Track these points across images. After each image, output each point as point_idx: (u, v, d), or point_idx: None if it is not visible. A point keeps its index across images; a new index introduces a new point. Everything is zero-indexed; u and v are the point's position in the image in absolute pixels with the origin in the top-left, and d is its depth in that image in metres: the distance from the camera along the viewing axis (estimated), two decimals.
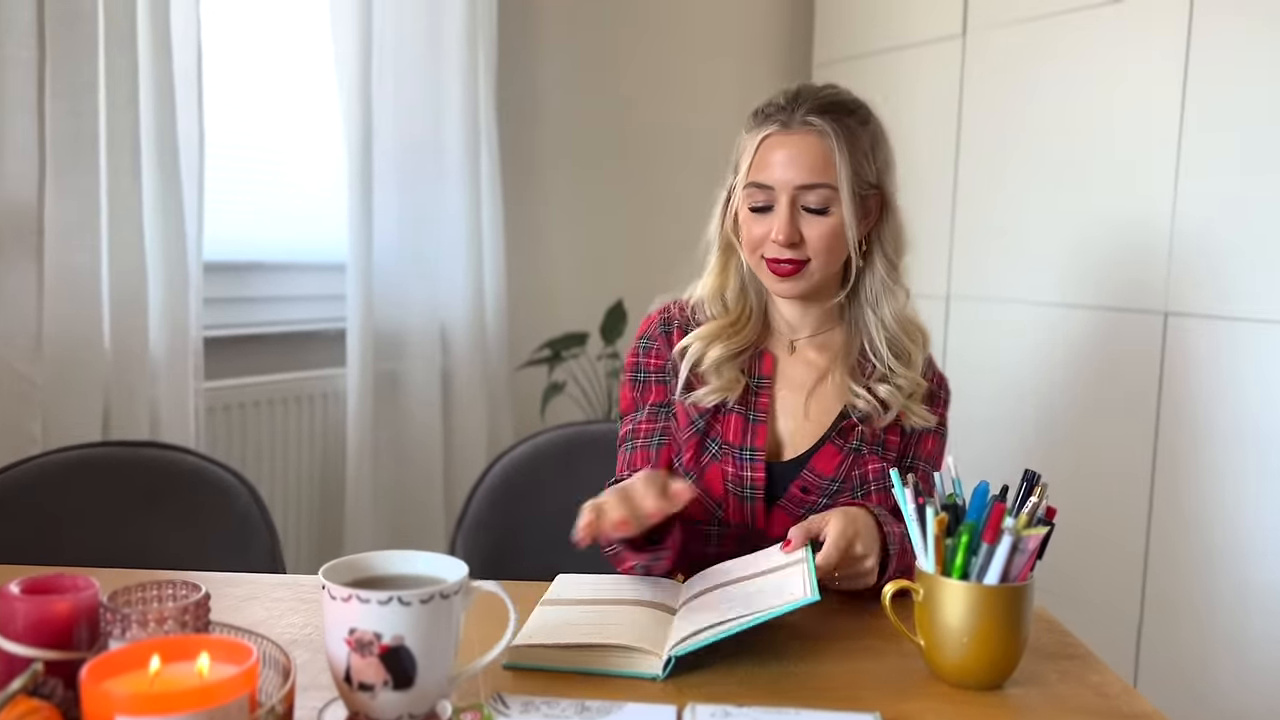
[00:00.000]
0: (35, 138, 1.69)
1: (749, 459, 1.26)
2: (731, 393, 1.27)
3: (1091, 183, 2.34)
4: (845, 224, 1.23)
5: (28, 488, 1.42)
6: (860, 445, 1.27)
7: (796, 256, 1.23)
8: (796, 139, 1.23)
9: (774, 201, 1.23)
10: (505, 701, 0.89)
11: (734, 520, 1.27)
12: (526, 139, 2.84)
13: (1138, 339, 2.25)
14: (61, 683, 0.78)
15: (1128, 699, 0.95)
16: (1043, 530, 0.93)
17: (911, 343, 1.31)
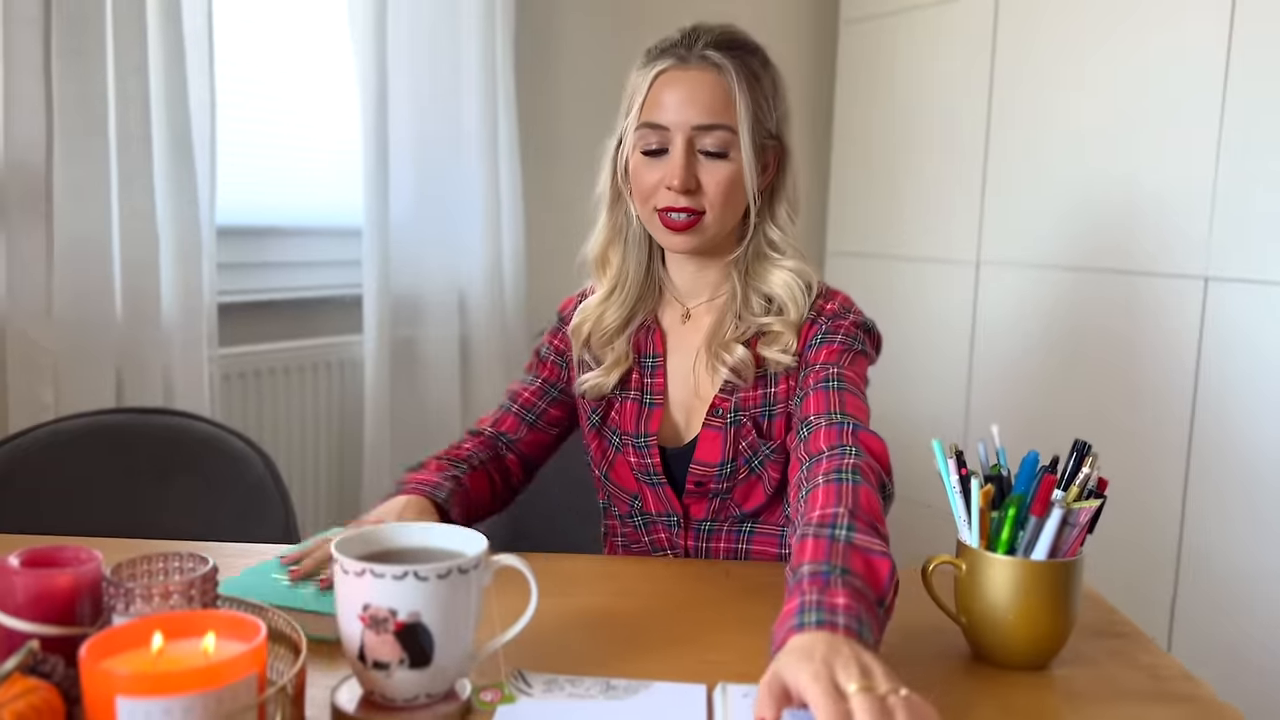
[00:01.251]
0: (43, 100, 1.65)
1: (644, 447, 1.21)
2: (619, 368, 1.22)
3: (1129, 143, 2.27)
4: (745, 170, 1.13)
5: (39, 455, 1.39)
6: (738, 416, 1.18)
7: (693, 205, 1.13)
8: (694, 75, 1.13)
9: (668, 144, 1.13)
10: (527, 680, 0.85)
11: (655, 509, 1.24)
12: (545, 101, 2.77)
13: (1177, 305, 2.18)
14: (62, 660, 0.74)
15: (1184, 682, 0.89)
16: (1094, 503, 0.88)
17: (792, 302, 1.19)
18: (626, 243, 1.25)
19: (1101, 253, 2.33)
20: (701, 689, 0.84)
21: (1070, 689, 0.87)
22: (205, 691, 0.66)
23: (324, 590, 0.95)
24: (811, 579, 0.81)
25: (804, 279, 1.20)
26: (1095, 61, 2.32)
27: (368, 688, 0.78)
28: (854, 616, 0.77)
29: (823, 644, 0.73)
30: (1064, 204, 2.41)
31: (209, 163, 1.93)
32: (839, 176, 3.12)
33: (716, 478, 1.19)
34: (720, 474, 1.19)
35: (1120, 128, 2.28)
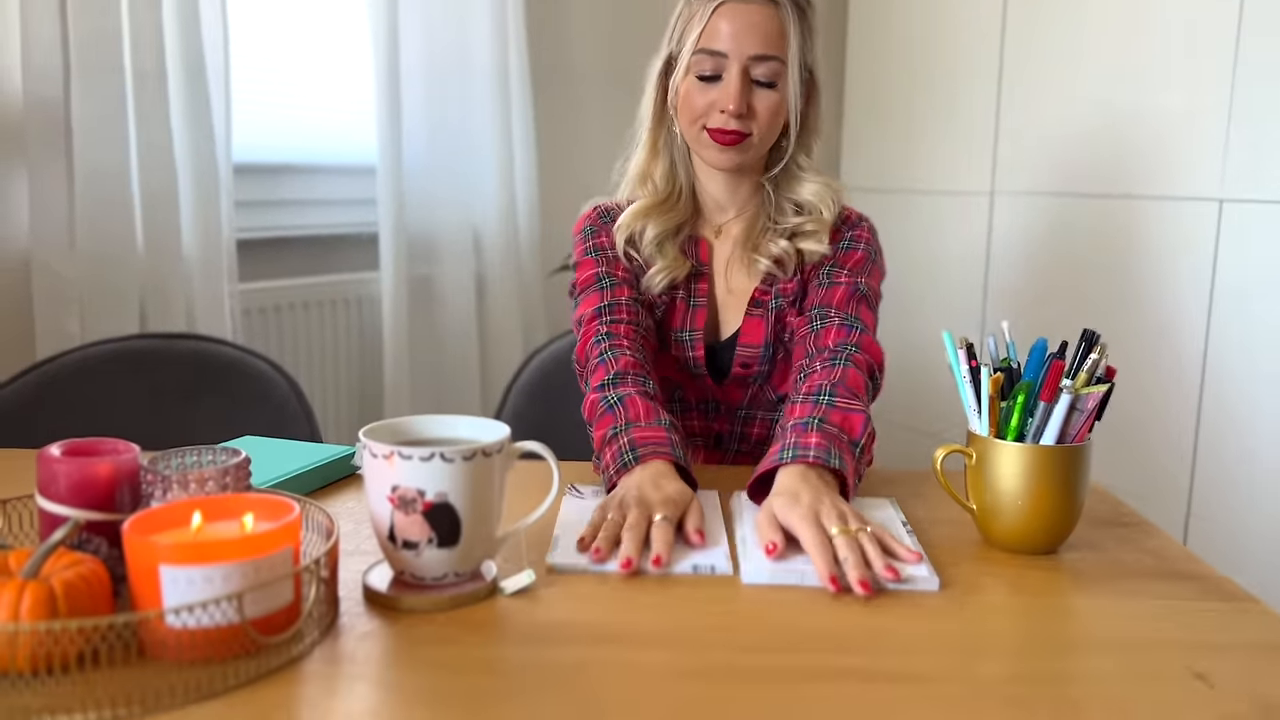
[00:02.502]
0: (59, 37, 1.67)
1: (689, 340, 1.29)
2: (679, 270, 1.29)
3: (1143, 68, 2.25)
4: (789, 99, 1.23)
5: (69, 379, 1.42)
6: (779, 302, 1.28)
7: (742, 128, 1.21)
8: (753, 8, 1.21)
9: (723, 70, 1.21)
10: (579, 489, 1.07)
11: (694, 398, 1.34)
12: (556, 38, 2.77)
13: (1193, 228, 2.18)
14: (105, 541, 0.78)
15: (1187, 561, 0.92)
16: (1102, 388, 0.89)
17: (824, 205, 1.29)
18: (672, 160, 1.33)
19: (1116, 179, 2.32)
20: (714, 495, 1.07)
21: (1077, 569, 0.90)
22: (244, 561, 0.69)
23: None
24: (793, 429, 1.04)
25: (833, 189, 1.31)
26: None
27: (398, 568, 0.81)
28: (823, 450, 1.00)
29: (808, 490, 0.95)
30: (1078, 130, 2.40)
31: (224, 99, 1.94)
32: (852, 112, 3.10)
33: (760, 359, 1.28)
34: (764, 355, 1.28)
35: (1134, 52, 2.26)
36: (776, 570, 0.88)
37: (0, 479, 1.08)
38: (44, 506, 0.79)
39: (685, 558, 0.90)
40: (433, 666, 0.71)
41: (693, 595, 0.83)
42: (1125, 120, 2.30)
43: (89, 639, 0.65)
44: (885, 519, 1.01)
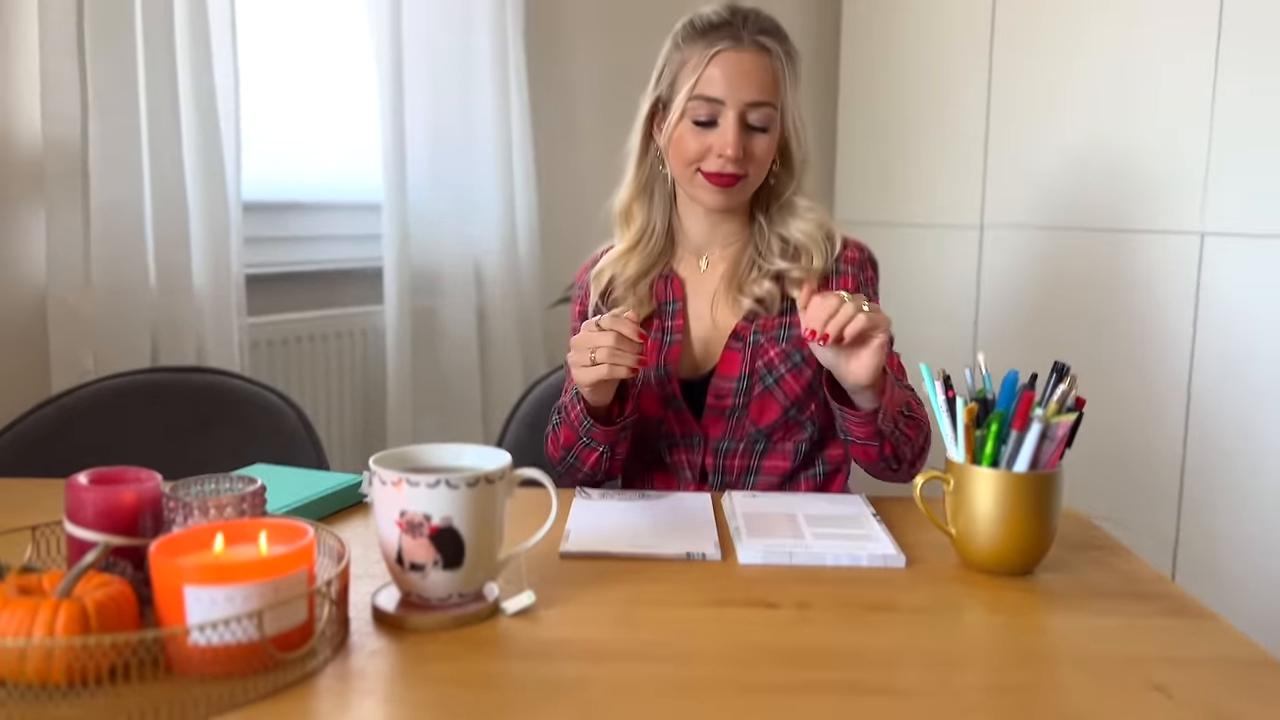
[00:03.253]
0: (77, 78, 1.73)
1: (664, 375, 1.33)
2: (644, 310, 1.34)
3: (1126, 103, 2.32)
4: (790, 139, 1.32)
5: (85, 412, 1.47)
6: (757, 337, 1.32)
7: (738, 171, 1.28)
8: (748, 57, 1.28)
9: (718, 116, 1.27)
10: (587, 493, 1.20)
11: (679, 432, 1.37)
12: (556, 76, 2.84)
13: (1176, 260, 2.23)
14: (130, 564, 0.83)
15: (1156, 582, 0.97)
16: (1071, 417, 0.94)
17: (816, 249, 1.34)
18: (652, 198, 1.40)
19: (1101, 212, 2.38)
20: (707, 495, 1.21)
21: (1051, 589, 0.94)
22: (262, 581, 0.74)
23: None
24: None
25: (824, 229, 1.37)
26: (1094, 22, 2.37)
27: (405, 589, 0.86)
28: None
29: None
30: (1064, 165, 2.47)
31: (234, 139, 2.00)
32: (845, 146, 3.17)
33: (734, 392, 1.32)
34: (738, 388, 1.32)
35: (1117, 87, 2.33)
36: (769, 551, 0.99)
37: (22, 507, 1.13)
38: (72, 532, 0.84)
39: (678, 545, 1.02)
40: (438, 682, 0.75)
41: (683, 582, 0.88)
42: (1110, 156, 2.36)
43: (120, 654, 0.70)
44: (856, 512, 1.13)
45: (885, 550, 1.01)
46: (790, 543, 1.02)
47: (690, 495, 1.21)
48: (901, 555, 1.00)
